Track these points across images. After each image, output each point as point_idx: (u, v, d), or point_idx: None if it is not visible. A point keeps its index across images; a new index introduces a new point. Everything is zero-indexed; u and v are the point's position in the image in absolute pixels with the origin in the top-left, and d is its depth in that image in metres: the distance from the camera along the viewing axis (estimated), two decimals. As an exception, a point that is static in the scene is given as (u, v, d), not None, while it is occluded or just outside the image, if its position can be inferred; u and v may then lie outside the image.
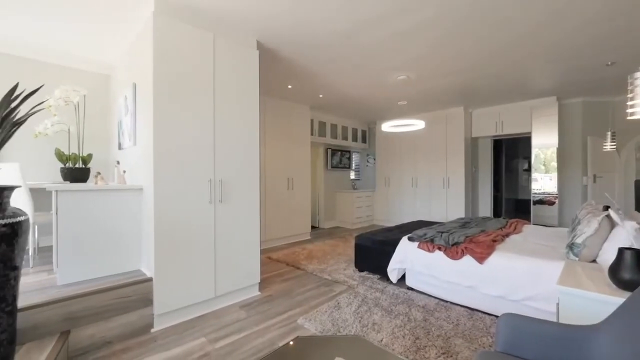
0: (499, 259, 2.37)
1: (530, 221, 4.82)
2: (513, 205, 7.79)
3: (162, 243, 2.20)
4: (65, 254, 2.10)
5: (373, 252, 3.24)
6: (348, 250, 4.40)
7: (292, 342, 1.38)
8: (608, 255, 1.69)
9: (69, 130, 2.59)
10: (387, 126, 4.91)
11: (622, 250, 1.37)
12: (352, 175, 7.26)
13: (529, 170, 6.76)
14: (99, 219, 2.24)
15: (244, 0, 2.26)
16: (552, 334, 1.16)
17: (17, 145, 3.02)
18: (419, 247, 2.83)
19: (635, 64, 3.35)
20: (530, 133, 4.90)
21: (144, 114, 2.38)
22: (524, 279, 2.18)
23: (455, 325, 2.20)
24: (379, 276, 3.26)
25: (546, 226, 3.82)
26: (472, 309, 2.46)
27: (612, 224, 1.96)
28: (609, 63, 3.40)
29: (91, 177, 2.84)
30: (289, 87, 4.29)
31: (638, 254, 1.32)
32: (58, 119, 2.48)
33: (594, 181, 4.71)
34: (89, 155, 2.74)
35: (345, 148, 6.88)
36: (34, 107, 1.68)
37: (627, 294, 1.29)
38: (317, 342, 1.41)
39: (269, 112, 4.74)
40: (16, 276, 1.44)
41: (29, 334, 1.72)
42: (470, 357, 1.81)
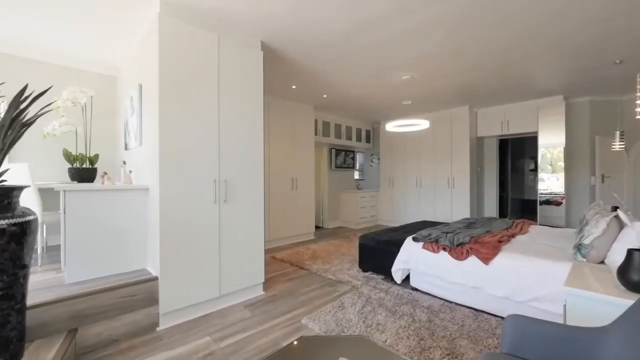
0: (505, 259, 2.35)
1: (536, 222, 4.77)
2: (519, 206, 7.71)
3: (168, 242, 2.22)
4: (72, 253, 2.13)
5: (377, 253, 3.24)
6: (352, 250, 4.39)
7: (296, 342, 1.38)
8: (617, 257, 1.66)
9: (76, 131, 2.63)
10: (391, 126, 4.89)
11: (631, 252, 1.35)
12: (356, 175, 7.24)
13: (535, 170, 6.69)
14: (105, 219, 2.26)
15: (248, 1, 2.27)
16: (559, 336, 1.14)
17: (26, 145, 3.07)
18: (423, 247, 2.81)
19: (644, 62, 3.31)
20: (536, 132, 4.84)
21: (149, 114, 2.40)
22: (530, 280, 2.15)
23: (461, 326, 2.18)
24: (383, 276, 3.25)
25: (553, 227, 3.77)
26: (477, 310, 2.44)
27: (621, 225, 1.93)
28: (618, 61, 3.35)
29: (98, 177, 2.88)
30: (293, 87, 4.29)
31: (647, 255, 1.30)
32: (66, 119, 2.52)
33: (602, 181, 4.64)
34: (96, 156, 2.78)
35: (349, 148, 6.87)
36: (42, 108, 1.71)
37: (636, 295, 1.27)
38: (321, 342, 1.41)
39: (273, 112, 4.76)
40: (25, 274, 1.47)
41: (37, 331, 1.75)
42: (476, 359, 1.79)
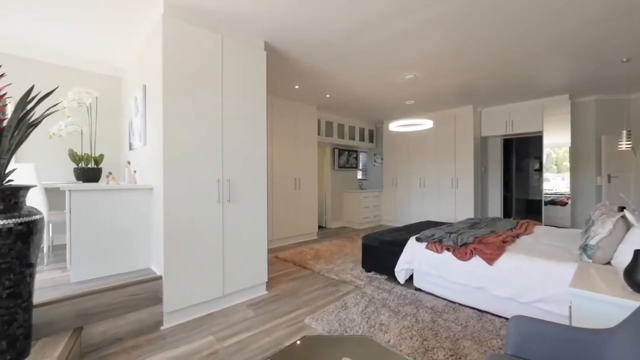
0: (509, 260, 2.33)
1: (541, 222, 4.72)
2: (524, 206, 7.64)
3: (172, 242, 2.23)
4: (78, 252, 2.15)
5: (380, 253, 3.23)
6: (355, 250, 4.38)
7: (299, 342, 1.38)
8: (623, 257, 1.64)
9: (81, 131, 2.66)
10: (394, 126, 4.88)
11: (638, 253, 1.33)
12: (360, 175, 7.23)
13: (540, 170, 6.62)
14: (110, 218, 2.28)
15: (251, 2, 2.28)
16: (564, 337, 1.13)
17: (33, 146, 3.10)
18: (427, 247, 2.80)
19: (652, 61, 3.26)
20: (541, 132, 4.79)
21: (153, 114, 2.42)
22: (534, 280, 2.14)
23: (464, 327, 2.17)
24: (386, 277, 3.24)
25: (558, 227, 3.73)
26: (481, 311, 2.43)
27: (628, 226, 1.90)
28: (625, 60, 3.31)
29: (103, 177, 2.91)
30: (296, 87, 4.30)
31: (655, 256, 1.29)
32: (71, 120, 2.54)
33: (609, 181, 4.58)
34: (101, 156, 2.80)
35: (352, 148, 6.86)
36: (48, 109, 1.73)
37: (643, 297, 1.25)
38: (324, 342, 1.41)
39: (276, 112, 4.76)
40: (31, 273, 1.49)
41: (43, 329, 1.77)
42: (480, 360, 1.78)
